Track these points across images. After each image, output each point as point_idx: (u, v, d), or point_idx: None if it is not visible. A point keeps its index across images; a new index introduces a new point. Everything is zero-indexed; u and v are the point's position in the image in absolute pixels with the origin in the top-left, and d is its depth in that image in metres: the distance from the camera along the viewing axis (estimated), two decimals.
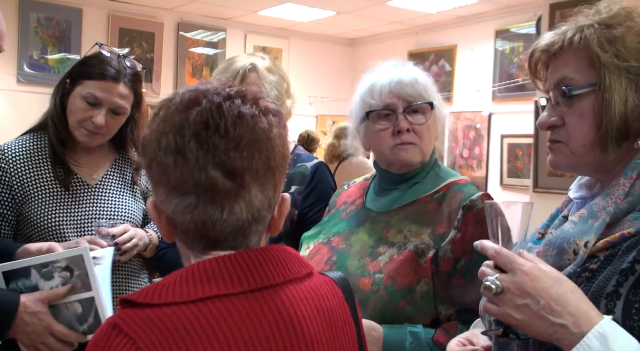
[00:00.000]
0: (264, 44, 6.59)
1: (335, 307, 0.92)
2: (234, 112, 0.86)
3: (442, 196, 1.48)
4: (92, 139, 1.82)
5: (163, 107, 0.89)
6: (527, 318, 0.89)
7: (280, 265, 0.89)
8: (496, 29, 5.57)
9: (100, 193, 1.85)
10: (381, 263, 1.41)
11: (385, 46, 6.62)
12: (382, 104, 1.47)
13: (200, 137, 0.84)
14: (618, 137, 0.97)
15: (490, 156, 5.61)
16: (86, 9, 5.57)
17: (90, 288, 1.42)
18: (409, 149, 1.47)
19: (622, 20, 0.98)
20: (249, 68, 1.90)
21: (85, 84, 1.78)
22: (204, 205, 0.85)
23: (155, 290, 0.83)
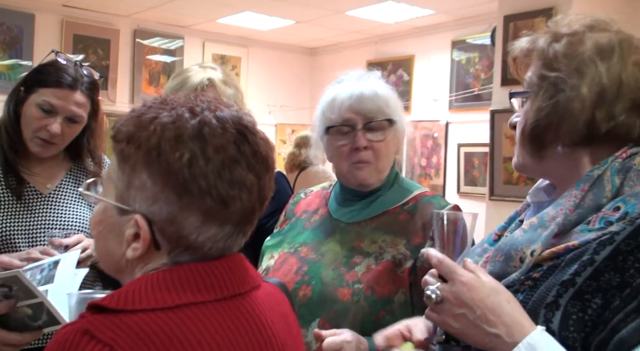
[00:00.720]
0: (223, 52, 6.55)
1: (289, 312, 0.96)
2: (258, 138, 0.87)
3: (412, 208, 1.49)
4: (46, 149, 1.77)
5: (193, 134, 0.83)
6: (464, 327, 0.92)
7: (246, 273, 0.90)
8: (452, 40, 5.67)
9: (54, 202, 1.81)
10: (359, 273, 1.41)
11: (345, 55, 6.66)
12: (341, 120, 1.47)
13: (254, 168, 0.85)
14: (533, 144, 1.01)
15: (448, 164, 5.69)
16: (38, 14, 5.43)
17: (35, 295, 1.37)
18: (364, 168, 1.48)
19: (570, 33, 1.01)
20: (206, 84, 1.87)
21: (40, 91, 1.73)
22: (237, 234, 0.87)
23: (127, 296, 0.81)
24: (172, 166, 0.81)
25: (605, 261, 0.88)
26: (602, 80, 0.96)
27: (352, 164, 1.48)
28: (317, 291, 1.42)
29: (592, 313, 0.88)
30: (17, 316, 1.39)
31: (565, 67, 0.98)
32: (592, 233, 0.92)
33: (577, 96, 0.96)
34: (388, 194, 1.53)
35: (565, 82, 0.97)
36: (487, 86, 5.10)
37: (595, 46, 0.98)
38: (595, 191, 0.96)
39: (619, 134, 0.97)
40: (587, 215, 0.96)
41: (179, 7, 5.46)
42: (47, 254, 1.66)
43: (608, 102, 0.96)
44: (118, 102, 5.76)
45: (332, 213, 1.56)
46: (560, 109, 0.97)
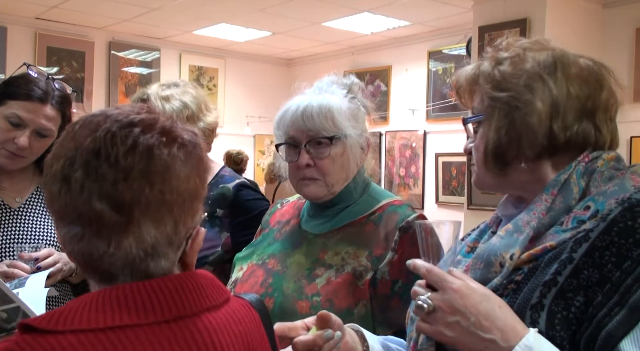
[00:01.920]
0: (200, 63, 6.52)
1: (252, 330, 0.92)
2: (129, 142, 0.81)
3: (378, 218, 1.47)
4: (14, 161, 1.73)
5: (65, 131, 0.85)
6: (458, 334, 0.92)
7: (198, 293, 0.85)
8: (429, 50, 5.72)
9: (24, 216, 1.77)
10: (318, 286, 1.39)
11: (322, 66, 6.68)
12: (285, 136, 1.47)
13: (89, 165, 0.80)
14: (497, 162, 1.05)
15: (426, 174, 5.71)
16: (11, 27, 5.36)
17: (12, 301, 1.34)
18: (310, 184, 1.46)
19: (510, 56, 1.06)
20: (142, 98, 1.86)
21: (9, 104, 1.70)
22: (90, 237, 0.81)
23: (61, 316, 0.78)
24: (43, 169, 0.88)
25: (583, 258, 0.90)
26: (552, 92, 1.01)
27: (299, 181, 1.47)
28: (278, 304, 1.40)
29: (575, 310, 0.89)
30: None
31: (515, 86, 1.02)
32: (567, 232, 0.95)
33: (533, 111, 1.00)
34: (356, 205, 1.51)
35: (518, 99, 1.01)
36: None
37: (537, 63, 1.03)
38: (563, 194, 1.00)
39: (577, 142, 1.02)
40: (559, 217, 0.99)
41: (154, 19, 5.43)
42: (16, 268, 1.62)
43: (562, 113, 1.01)
44: None
45: (302, 224, 1.55)
46: (518, 125, 1.01)
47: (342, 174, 1.48)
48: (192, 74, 6.43)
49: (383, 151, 5.94)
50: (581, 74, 1.03)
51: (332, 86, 1.53)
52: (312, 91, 1.52)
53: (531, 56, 1.04)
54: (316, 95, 1.48)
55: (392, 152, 5.97)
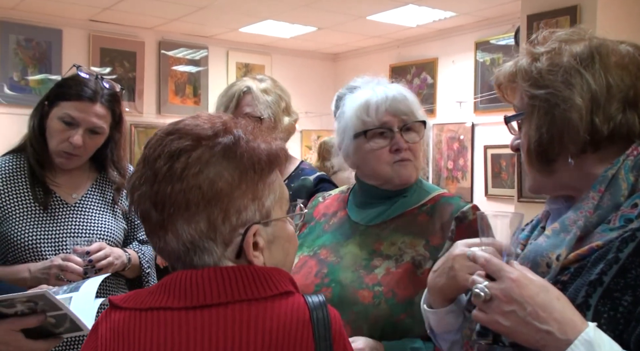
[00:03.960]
0: (246, 60, 6.60)
1: (288, 329, 0.90)
2: (160, 148, 0.92)
3: (431, 209, 1.50)
4: (70, 160, 1.81)
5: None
6: (514, 324, 0.91)
7: (235, 285, 0.90)
8: (476, 41, 5.64)
9: (79, 212, 1.85)
10: (379, 276, 1.41)
11: (367, 60, 6.67)
12: (378, 123, 1.48)
13: (140, 170, 0.93)
14: (541, 161, 1.04)
15: (475, 167, 5.64)
16: (66, 30, 5.55)
17: (60, 309, 1.40)
18: (408, 165, 1.49)
19: (546, 51, 1.04)
20: (244, 90, 1.98)
21: (62, 105, 1.79)
22: (150, 234, 0.95)
23: (131, 296, 0.94)
24: None
25: (630, 258, 0.90)
26: (591, 86, 0.99)
27: (395, 163, 1.49)
28: (336, 294, 1.42)
29: (623, 310, 0.89)
30: (42, 324, 1.43)
31: (552, 82, 1.01)
32: (614, 231, 0.94)
33: (573, 107, 0.99)
34: (408, 197, 1.54)
35: (556, 96, 1.00)
36: None
37: (574, 56, 1.01)
38: (611, 190, 0.98)
39: (622, 133, 1.00)
40: (606, 215, 0.98)
41: (202, 18, 5.53)
42: (69, 261, 1.70)
43: (603, 105, 0.99)
44: (145, 113, 5.84)
45: (351, 216, 1.57)
46: (558, 122, 1.00)
47: (423, 162, 1.54)
48: (239, 71, 6.52)
49: (430, 144, 5.89)
50: (622, 62, 1.01)
51: (383, 80, 1.56)
52: (375, 84, 1.54)
53: (567, 49, 1.02)
54: (390, 86, 1.52)
55: (439, 145, 5.91)
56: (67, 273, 1.69)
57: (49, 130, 1.81)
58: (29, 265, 1.74)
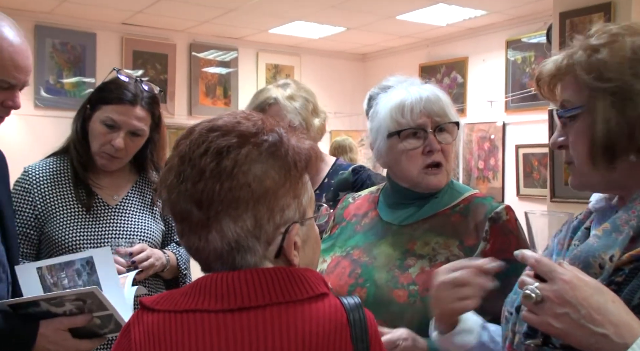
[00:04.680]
0: (276, 61, 6.63)
1: (326, 332, 0.89)
2: (204, 145, 0.89)
3: (464, 209, 1.50)
4: (112, 162, 1.85)
5: (176, 141, 0.96)
6: (567, 327, 0.89)
7: (272, 287, 0.89)
8: (507, 40, 5.58)
9: (120, 213, 1.89)
10: (413, 275, 1.42)
11: (397, 60, 6.64)
12: (413, 123, 1.47)
13: (178, 169, 0.90)
14: (606, 155, 1.00)
15: (506, 166, 5.58)
16: (100, 33, 5.65)
17: (107, 308, 1.43)
18: (438, 173, 1.49)
19: (606, 42, 1.01)
20: (270, 103, 1.98)
21: (103, 108, 1.83)
22: (187, 233, 0.91)
23: (163, 297, 0.92)
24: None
25: None
26: None
27: (425, 169, 1.49)
28: (371, 294, 1.43)
29: None
30: (88, 325, 1.47)
31: (620, 74, 0.98)
32: None
33: None
34: (440, 197, 1.54)
35: (625, 89, 0.97)
36: None
37: (638, 48, 0.98)
38: None
39: None
40: None
41: (232, 20, 5.58)
42: None
43: None
44: (177, 114, 5.92)
45: (383, 216, 1.57)
46: (629, 115, 0.97)
47: (453, 164, 1.53)
48: (268, 72, 6.56)
49: (461, 143, 5.85)
50: None
51: (416, 80, 1.56)
52: (408, 84, 1.54)
53: (629, 41, 0.99)
54: (424, 86, 1.52)
55: (470, 145, 5.86)
56: None
57: (92, 133, 1.85)
58: None
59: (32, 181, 1.85)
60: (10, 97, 1.49)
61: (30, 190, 1.84)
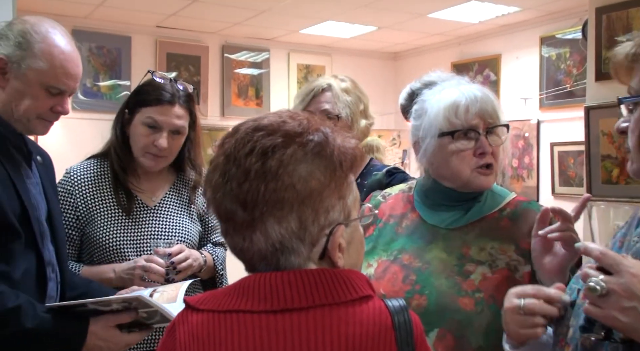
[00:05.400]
0: (307, 62, 6.66)
1: (370, 335, 0.87)
2: (250, 145, 0.88)
3: (512, 214, 1.49)
4: (157, 162, 1.90)
5: (219, 141, 0.95)
6: (633, 321, 0.87)
7: (316, 289, 0.88)
8: (541, 36, 5.49)
9: (159, 214, 1.93)
10: (476, 282, 1.40)
11: (428, 58, 6.60)
12: (467, 125, 1.46)
13: (223, 169, 0.89)
14: None
15: (541, 165, 5.50)
16: (135, 37, 5.75)
17: (151, 306, 1.47)
18: (489, 174, 1.48)
19: None
20: (323, 87, 1.99)
21: (143, 111, 1.87)
22: (231, 233, 0.91)
23: (207, 297, 0.92)
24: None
25: None
26: None
27: (476, 170, 1.47)
28: (432, 301, 1.40)
29: None
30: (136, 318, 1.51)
31: None
32: None
33: None
34: (483, 200, 1.52)
35: None
36: (580, 81, 4.89)
37: None
38: None
39: None
40: None
41: (264, 21, 5.62)
42: (152, 262, 1.77)
43: None
44: (210, 115, 5.99)
45: (426, 218, 1.54)
46: None
47: (502, 164, 1.52)
48: (300, 73, 6.58)
49: None
50: None
51: (471, 81, 1.55)
52: (456, 83, 1.52)
53: None
54: (474, 85, 1.51)
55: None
56: (150, 274, 1.76)
57: (134, 136, 1.89)
58: (113, 266, 1.83)
59: (74, 182, 1.90)
60: (60, 102, 1.54)
61: (72, 191, 1.89)
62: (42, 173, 1.64)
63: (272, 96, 6.38)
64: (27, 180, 1.55)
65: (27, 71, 1.48)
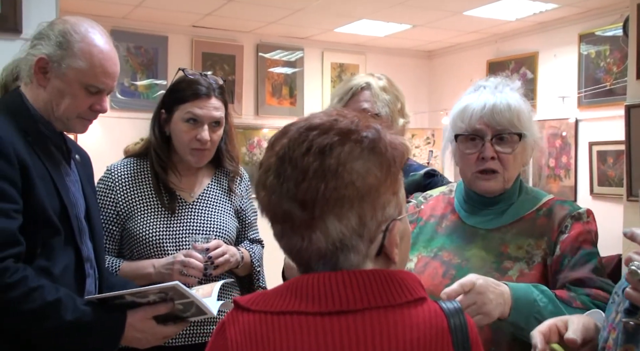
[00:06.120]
0: (341, 60, 6.66)
1: (427, 339, 0.86)
2: (305, 144, 0.88)
3: (547, 212, 1.53)
4: (201, 156, 1.93)
5: (269, 142, 0.94)
6: None
7: (370, 291, 0.87)
8: (580, 33, 5.39)
9: (198, 209, 1.96)
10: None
11: (463, 57, 6.53)
12: (470, 129, 1.52)
13: (278, 170, 0.88)
14: None
15: (579, 164, 5.39)
16: (171, 36, 5.84)
17: (188, 297, 1.50)
18: (490, 178, 1.52)
19: None
20: (362, 86, 1.99)
21: (182, 107, 1.90)
22: (288, 234, 0.89)
23: (258, 297, 0.91)
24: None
25: None
26: None
27: (476, 173, 1.53)
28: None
29: None
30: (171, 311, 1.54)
31: None
32: None
33: None
34: (518, 202, 1.57)
35: None
36: (621, 79, 4.78)
37: None
38: None
39: None
40: None
41: (298, 20, 5.64)
42: (191, 257, 1.80)
43: None
44: (244, 114, 6.04)
45: (465, 220, 1.59)
46: None
47: (516, 172, 1.56)
48: (334, 71, 6.59)
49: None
50: None
51: (505, 87, 1.56)
52: (487, 87, 1.56)
53: None
54: (499, 94, 1.53)
55: (540, 143, 5.69)
56: (189, 269, 1.80)
57: (175, 133, 1.93)
58: (153, 261, 1.87)
59: (114, 179, 1.94)
60: (98, 101, 1.58)
61: (113, 188, 1.93)
62: (80, 171, 1.68)
63: (306, 94, 6.40)
64: (66, 178, 1.59)
65: (67, 70, 1.51)
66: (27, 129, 1.50)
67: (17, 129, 1.47)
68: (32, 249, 1.43)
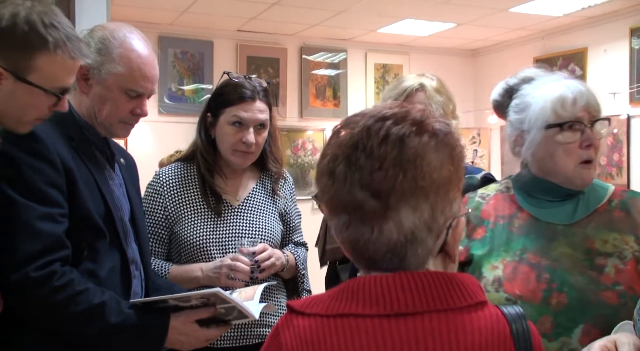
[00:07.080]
0: (384, 61, 6.63)
1: (489, 344, 0.84)
2: (381, 133, 0.86)
3: (622, 205, 1.50)
4: (246, 159, 1.96)
5: (332, 131, 0.93)
6: None
7: (430, 293, 0.85)
8: (631, 27, 5.22)
9: (242, 213, 1.98)
10: (611, 274, 1.41)
11: (509, 54, 6.42)
12: (573, 117, 1.47)
13: (350, 158, 0.86)
14: None
15: (632, 162, 5.23)
16: (217, 41, 5.93)
17: (229, 302, 1.51)
18: (591, 168, 1.49)
19: None
20: (416, 87, 1.98)
21: (227, 111, 1.93)
22: (355, 224, 0.86)
23: (312, 301, 0.90)
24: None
25: None
26: None
27: (580, 164, 1.48)
28: (574, 297, 1.40)
29: None
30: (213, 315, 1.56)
31: None
32: None
33: None
34: (585, 194, 1.53)
35: None
36: None
37: None
38: None
39: None
40: None
41: (341, 21, 5.65)
42: (238, 261, 1.82)
43: None
44: (288, 117, 6.08)
45: (538, 216, 1.53)
46: None
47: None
48: (377, 72, 6.57)
49: None
50: None
51: (567, 76, 1.56)
52: (558, 77, 1.54)
53: None
54: (571, 79, 1.53)
55: None
56: (236, 273, 1.81)
57: (220, 137, 1.96)
58: (201, 265, 1.89)
59: (162, 183, 1.98)
60: (139, 105, 1.61)
61: (161, 192, 1.97)
62: (125, 175, 1.71)
63: (350, 96, 6.40)
64: (110, 182, 1.62)
65: (107, 76, 1.54)
66: (71, 135, 1.53)
67: (62, 135, 1.50)
68: (79, 253, 1.46)
